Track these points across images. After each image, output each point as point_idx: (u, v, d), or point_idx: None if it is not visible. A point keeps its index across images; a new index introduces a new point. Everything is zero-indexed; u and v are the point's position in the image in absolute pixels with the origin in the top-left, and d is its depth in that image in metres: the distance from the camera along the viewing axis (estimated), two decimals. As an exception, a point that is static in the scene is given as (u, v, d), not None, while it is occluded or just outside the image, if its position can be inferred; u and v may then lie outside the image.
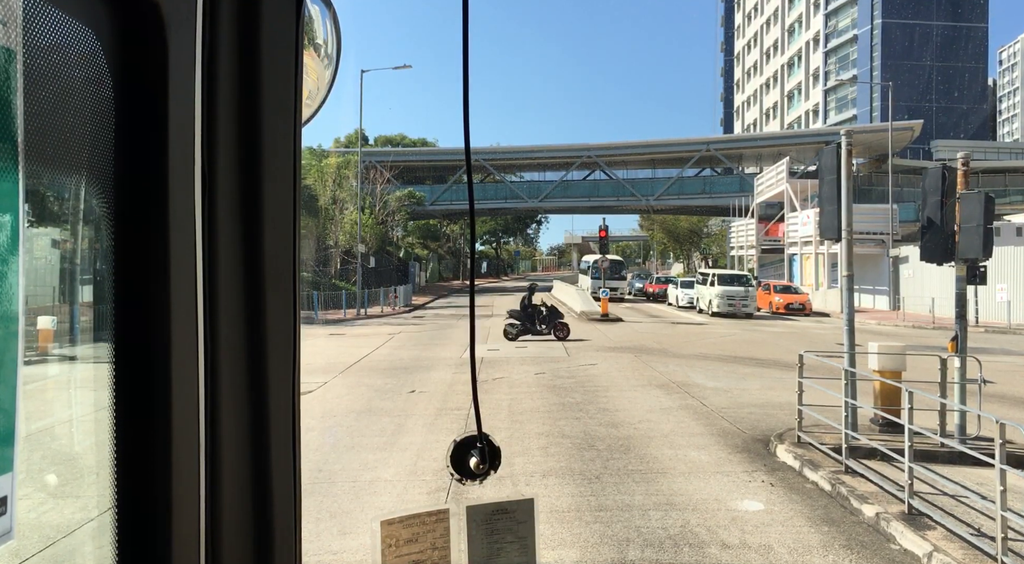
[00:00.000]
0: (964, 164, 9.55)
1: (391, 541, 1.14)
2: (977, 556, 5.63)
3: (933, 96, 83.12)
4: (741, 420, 10.87)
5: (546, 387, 13.77)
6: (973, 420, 9.26)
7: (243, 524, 0.93)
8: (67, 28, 0.76)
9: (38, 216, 0.91)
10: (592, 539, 6.15)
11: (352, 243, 40.76)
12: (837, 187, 9.43)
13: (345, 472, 8.11)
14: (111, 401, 0.87)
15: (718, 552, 5.89)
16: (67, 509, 1.26)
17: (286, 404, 0.96)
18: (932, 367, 9.31)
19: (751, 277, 37.55)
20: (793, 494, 7.49)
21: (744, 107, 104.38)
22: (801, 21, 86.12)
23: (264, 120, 0.93)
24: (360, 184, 41.39)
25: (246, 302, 0.93)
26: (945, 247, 9.34)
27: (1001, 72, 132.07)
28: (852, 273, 9.65)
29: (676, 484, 7.70)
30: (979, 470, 7.73)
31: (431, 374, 15.27)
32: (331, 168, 44.79)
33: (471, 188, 1.28)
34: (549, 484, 7.69)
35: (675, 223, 70.33)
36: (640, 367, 16.51)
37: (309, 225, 41.35)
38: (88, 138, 0.82)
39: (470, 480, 1.23)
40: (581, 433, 9.96)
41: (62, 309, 1.15)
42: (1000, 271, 29.10)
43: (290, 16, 0.95)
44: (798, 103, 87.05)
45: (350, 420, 10.84)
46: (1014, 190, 54.87)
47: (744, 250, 51.22)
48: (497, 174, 61.43)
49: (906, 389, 7.24)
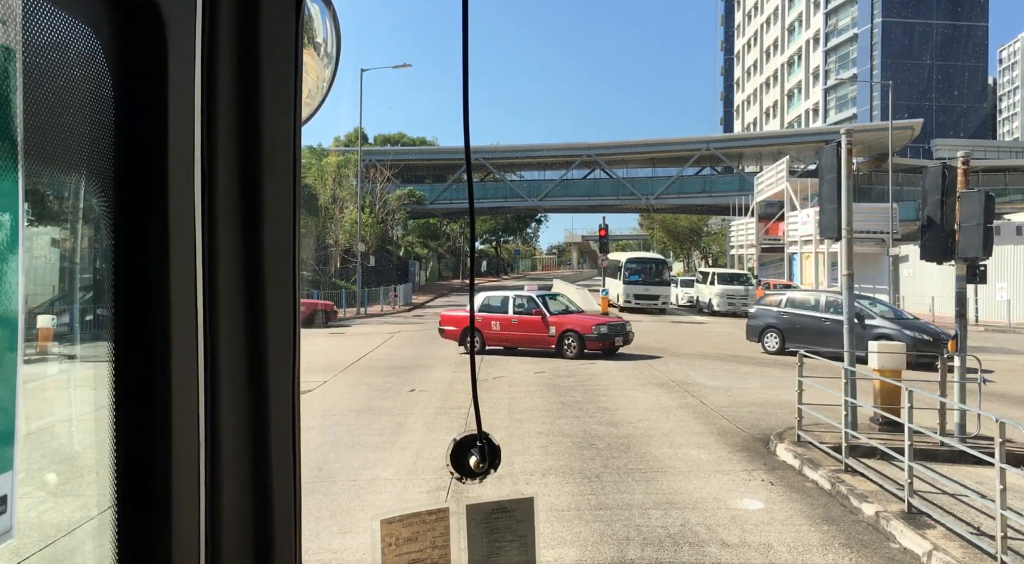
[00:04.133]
0: (964, 163, 9.54)
1: (391, 540, 1.14)
2: (977, 555, 5.64)
3: (933, 95, 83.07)
4: (741, 419, 10.87)
5: (546, 386, 13.77)
6: (973, 419, 9.26)
7: (243, 522, 0.93)
8: (67, 27, 0.76)
9: (38, 215, 0.91)
10: (592, 538, 6.16)
11: (352, 242, 40.76)
12: (837, 186, 9.43)
13: (345, 471, 8.11)
14: (111, 400, 0.87)
15: (718, 551, 5.89)
16: (67, 508, 1.26)
17: (286, 403, 0.96)
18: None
19: (751, 276, 37.55)
20: (793, 493, 7.49)
21: (744, 106, 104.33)
22: (801, 20, 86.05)
23: (264, 119, 0.93)
24: (360, 183, 41.39)
25: (246, 301, 0.93)
26: (945, 246, 9.34)
27: (1001, 71, 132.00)
28: (852, 272, 9.64)
29: (676, 483, 7.71)
30: (979, 469, 7.73)
31: (431, 373, 15.27)
32: (331, 167, 44.78)
33: (471, 187, 1.28)
34: (549, 483, 7.69)
35: (675, 222, 70.28)
36: (640, 366, 16.52)
37: (309, 224, 41.36)
38: (88, 137, 0.82)
39: (470, 479, 1.23)
40: (581, 432, 9.96)
41: (62, 308, 1.15)
42: (1000, 270, 29.09)
43: (290, 15, 0.94)
44: (798, 102, 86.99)
45: (350, 419, 10.84)
46: (1014, 189, 54.83)
47: (744, 249, 51.18)
48: (497, 173, 61.41)
49: (906, 388, 7.25)
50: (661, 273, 34.71)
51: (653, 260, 35.75)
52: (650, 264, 34.71)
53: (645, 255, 37.79)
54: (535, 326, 17.97)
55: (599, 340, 17.42)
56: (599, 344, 17.48)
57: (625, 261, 35.09)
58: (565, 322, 17.79)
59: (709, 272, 37.13)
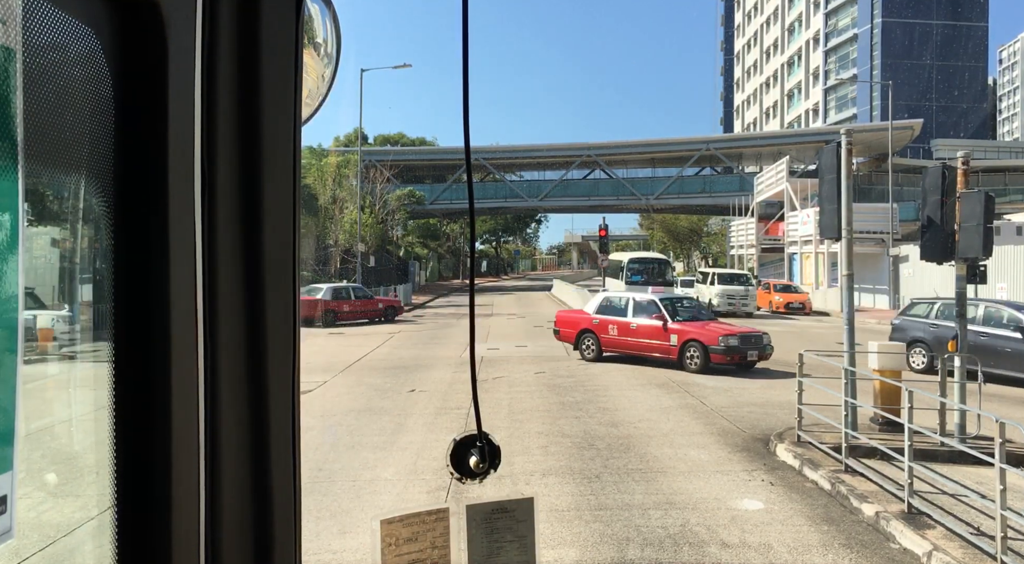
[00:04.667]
0: (964, 163, 9.54)
1: (391, 540, 1.14)
2: (977, 555, 5.64)
3: (933, 95, 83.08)
4: (741, 419, 10.87)
5: (546, 386, 13.77)
6: (973, 419, 9.26)
7: (243, 523, 0.93)
8: (67, 27, 0.76)
9: (38, 215, 0.91)
10: (592, 538, 6.16)
11: (352, 242, 40.76)
12: (837, 186, 9.43)
13: (345, 471, 8.11)
14: (111, 400, 0.87)
15: (718, 551, 5.89)
16: (67, 508, 1.26)
17: (286, 403, 0.96)
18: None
19: (751, 276, 37.54)
20: (793, 493, 7.49)
21: (744, 106, 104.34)
22: (801, 20, 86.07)
23: (264, 119, 0.93)
24: (360, 183, 41.39)
25: (246, 301, 0.93)
26: (945, 246, 9.34)
27: (1001, 71, 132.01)
28: (852, 272, 9.64)
29: (676, 483, 7.71)
30: (979, 469, 7.73)
31: (431, 373, 15.26)
32: (331, 167, 44.76)
33: (471, 187, 1.28)
34: (549, 483, 7.69)
35: (675, 222, 70.30)
36: (640, 366, 16.50)
37: (309, 224, 41.36)
38: (88, 137, 0.82)
39: (470, 479, 1.23)
40: (581, 432, 9.96)
41: (62, 308, 1.15)
42: (1000, 270, 29.09)
43: (290, 15, 0.94)
44: (798, 102, 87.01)
45: (350, 419, 10.84)
46: (1014, 189, 54.84)
47: (744, 249, 51.18)
48: (497, 173, 61.41)
49: (906, 388, 7.25)
50: (664, 273, 33.88)
51: (656, 260, 34.89)
52: (653, 264, 34.00)
53: (648, 255, 37.08)
54: (655, 333, 16.45)
55: (725, 353, 15.40)
56: (725, 357, 15.46)
57: (627, 261, 34.18)
58: (688, 332, 16.04)
59: (709, 272, 37.09)
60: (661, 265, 34.24)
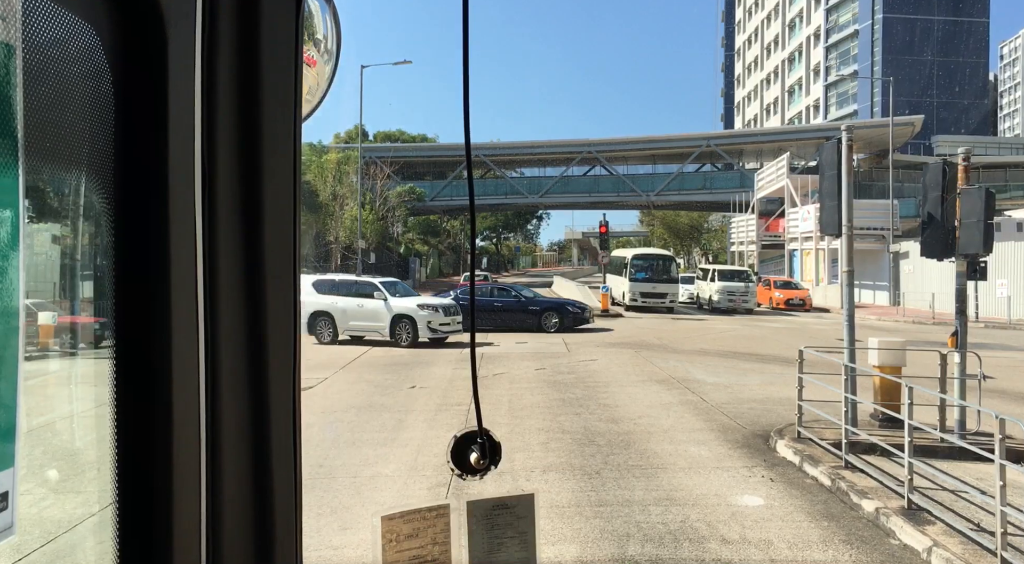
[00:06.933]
0: (965, 160, 9.53)
1: (392, 536, 1.14)
2: (977, 551, 5.64)
3: (934, 91, 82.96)
4: (741, 416, 10.88)
5: (546, 383, 13.78)
6: (973, 416, 9.27)
7: (244, 519, 0.94)
8: (67, 23, 0.76)
9: (38, 212, 0.91)
10: (592, 534, 6.16)
11: (352, 239, 40.76)
12: (838, 183, 9.42)
13: (346, 468, 8.12)
14: (112, 397, 0.87)
15: (718, 547, 5.90)
16: (68, 504, 1.26)
17: (286, 400, 0.96)
18: (932, 363, 9.32)
19: (751, 273, 37.53)
20: (793, 489, 7.50)
21: (744, 103, 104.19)
22: (802, 16, 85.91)
23: (264, 115, 0.93)
24: (360, 180, 41.37)
25: (246, 297, 0.93)
26: (945, 243, 9.33)
27: (1002, 67, 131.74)
28: (852, 269, 9.64)
29: (676, 479, 7.71)
30: (979, 465, 7.73)
31: (431, 370, 15.28)
32: (331, 164, 44.76)
33: (471, 184, 1.28)
34: (549, 479, 7.70)
35: (675, 219, 70.29)
36: (640, 362, 16.52)
37: (309, 221, 41.36)
38: (88, 133, 0.82)
39: (470, 475, 1.23)
40: (581, 429, 9.97)
41: (63, 305, 1.15)
42: (1000, 266, 29.10)
43: (290, 11, 0.94)
44: (799, 98, 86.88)
45: (350, 416, 10.85)
46: (1015, 185, 54.83)
47: (744, 246, 51.19)
48: (497, 170, 61.38)
49: (906, 385, 7.25)
50: (669, 270, 32.72)
51: (660, 256, 33.90)
52: (657, 261, 33.13)
53: (652, 251, 36.33)
54: None
55: None
56: None
57: (631, 257, 33.05)
58: None
59: (709, 269, 37.08)
60: (666, 261, 33.29)
